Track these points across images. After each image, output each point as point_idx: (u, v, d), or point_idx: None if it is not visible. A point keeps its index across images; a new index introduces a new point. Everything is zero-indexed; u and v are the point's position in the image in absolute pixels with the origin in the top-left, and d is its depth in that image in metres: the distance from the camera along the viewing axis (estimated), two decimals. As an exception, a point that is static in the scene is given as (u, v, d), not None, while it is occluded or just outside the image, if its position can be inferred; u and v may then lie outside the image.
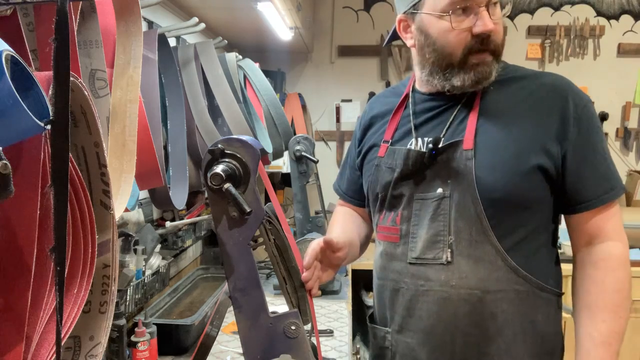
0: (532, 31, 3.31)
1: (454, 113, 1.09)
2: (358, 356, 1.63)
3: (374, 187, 1.16)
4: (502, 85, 1.08)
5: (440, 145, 1.06)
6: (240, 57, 1.89)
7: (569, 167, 1.02)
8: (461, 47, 1.02)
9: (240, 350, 1.01)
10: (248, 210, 0.84)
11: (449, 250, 1.04)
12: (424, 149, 1.09)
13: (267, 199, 1.04)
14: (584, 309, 1.05)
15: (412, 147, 1.11)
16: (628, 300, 1.03)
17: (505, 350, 1.04)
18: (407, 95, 1.18)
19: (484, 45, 1.02)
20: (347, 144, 3.49)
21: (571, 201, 1.04)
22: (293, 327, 0.89)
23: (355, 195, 1.30)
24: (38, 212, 0.47)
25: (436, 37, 1.05)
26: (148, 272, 1.61)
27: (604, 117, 3.27)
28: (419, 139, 1.12)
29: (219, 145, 0.87)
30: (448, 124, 1.09)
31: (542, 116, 1.03)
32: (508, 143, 1.02)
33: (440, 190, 1.06)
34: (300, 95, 3.37)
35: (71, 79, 0.46)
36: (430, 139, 1.09)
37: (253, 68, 1.94)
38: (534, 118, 1.03)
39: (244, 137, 0.89)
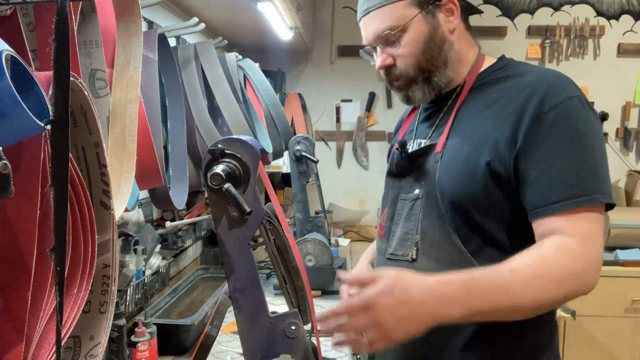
0: (532, 31, 3.31)
1: (440, 115, 1.14)
2: (358, 356, 1.63)
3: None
4: (487, 86, 1.08)
5: (412, 149, 1.13)
6: (240, 57, 1.89)
7: (520, 170, 0.97)
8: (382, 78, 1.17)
9: (240, 350, 1.01)
10: (248, 210, 0.84)
11: (415, 248, 1.07)
12: (416, 147, 1.15)
13: (267, 199, 1.04)
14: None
15: (399, 149, 1.14)
16: (543, 291, 0.89)
17: (467, 345, 1.02)
18: None
19: (389, 75, 1.13)
20: (347, 144, 3.49)
21: (526, 207, 0.97)
22: (293, 327, 0.89)
23: None
24: (38, 212, 0.47)
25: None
26: (148, 272, 1.62)
27: (604, 117, 3.27)
28: (415, 141, 1.18)
29: (219, 145, 0.87)
30: (435, 125, 1.14)
31: (502, 117, 1.00)
32: (465, 145, 1.03)
33: (417, 191, 1.09)
34: (300, 95, 3.37)
35: (71, 79, 0.46)
36: (422, 140, 1.15)
37: (253, 68, 1.94)
38: (494, 119, 1.01)
39: (244, 137, 0.89)
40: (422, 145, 1.12)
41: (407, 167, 1.13)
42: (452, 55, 1.10)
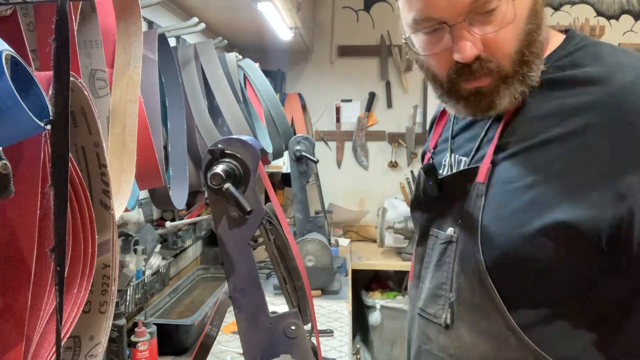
0: (532, 31, 3.32)
1: (487, 125, 0.83)
2: (358, 356, 1.63)
3: None
4: (557, 85, 0.76)
5: (446, 169, 0.86)
6: (240, 57, 1.89)
7: (636, 223, 0.67)
8: (444, 70, 0.77)
9: (240, 350, 1.00)
10: (248, 210, 0.84)
11: (449, 310, 0.81)
12: (454, 169, 0.87)
13: (267, 199, 1.04)
14: None
15: (445, 171, 0.89)
16: None
17: None
18: None
19: (474, 73, 0.74)
20: (347, 144, 3.49)
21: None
22: (293, 327, 0.89)
23: None
24: (38, 212, 0.47)
25: (421, 60, 0.81)
26: (148, 272, 1.62)
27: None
28: (453, 156, 0.89)
29: (219, 145, 0.87)
30: (479, 140, 0.83)
31: (586, 146, 0.70)
32: (524, 182, 0.73)
33: (450, 230, 0.83)
34: (300, 95, 3.37)
35: (71, 79, 0.46)
36: (461, 158, 0.86)
37: (253, 68, 1.94)
38: (572, 148, 0.71)
39: (244, 137, 0.89)
40: (460, 168, 0.84)
41: (439, 195, 0.86)
42: (542, 40, 0.77)
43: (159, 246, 1.74)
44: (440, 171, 0.91)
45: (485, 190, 0.77)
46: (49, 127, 0.42)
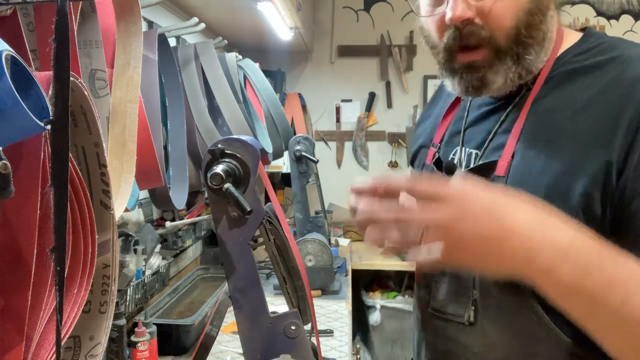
0: (532, 31, 3.32)
1: (502, 117, 0.82)
2: (358, 356, 1.63)
3: None
4: (573, 78, 0.76)
5: (467, 167, 0.82)
6: (240, 57, 1.89)
7: (626, 205, 0.67)
8: (441, 39, 0.77)
9: (240, 350, 1.00)
10: (248, 210, 0.84)
11: (473, 308, 0.80)
12: (463, 167, 0.85)
13: (267, 199, 1.04)
14: None
15: (456, 163, 0.87)
16: None
17: None
18: None
19: (465, 38, 0.74)
20: (347, 144, 3.49)
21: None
22: (293, 327, 0.89)
23: None
24: (38, 212, 0.47)
25: (421, 22, 0.82)
26: (148, 272, 1.62)
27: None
28: (464, 149, 0.87)
29: (219, 145, 0.87)
30: (493, 132, 0.82)
31: (600, 130, 0.70)
32: (545, 169, 0.73)
33: None
34: (300, 95, 3.37)
35: (71, 79, 0.46)
36: (472, 151, 0.85)
37: (253, 68, 1.94)
38: (587, 133, 0.71)
39: (244, 137, 0.89)
40: (478, 162, 0.82)
41: None
42: (547, 33, 0.78)
43: (159, 246, 1.74)
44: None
45: (505, 183, 0.76)
46: (49, 127, 0.42)
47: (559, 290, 0.62)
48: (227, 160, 0.87)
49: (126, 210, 0.82)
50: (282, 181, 3.26)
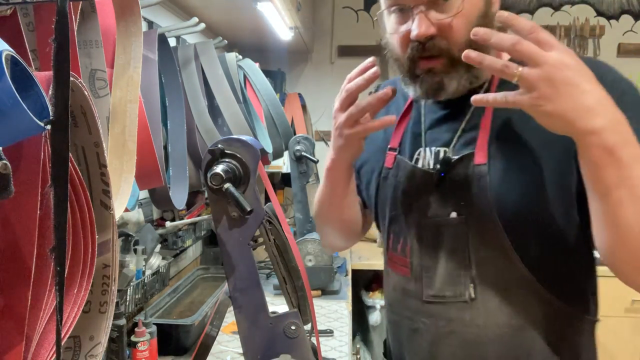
0: (532, 31, 3.32)
1: (467, 117, 0.93)
2: (358, 356, 1.63)
3: (383, 204, 1.02)
4: None
5: (424, 161, 0.93)
6: (240, 57, 1.89)
7: None
8: (404, 52, 0.89)
9: (240, 350, 1.01)
10: (248, 210, 0.84)
11: (472, 285, 0.89)
12: (431, 165, 0.94)
13: (267, 199, 1.04)
14: None
15: (419, 164, 0.96)
16: None
17: None
18: None
19: (428, 50, 0.85)
20: (347, 144, 3.49)
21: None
22: (293, 327, 0.89)
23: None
24: (38, 212, 0.47)
25: (387, 38, 0.93)
26: (148, 272, 1.62)
27: (604, 117, 3.27)
28: (427, 149, 0.96)
29: (219, 145, 0.87)
30: (460, 131, 0.93)
31: None
32: (520, 149, 0.86)
33: (454, 214, 0.90)
34: (300, 95, 3.36)
35: (71, 79, 0.46)
36: (439, 149, 0.94)
37: (253, 68, 1.94)
38: None
39: (244, 137, 0.89)
40: (445, 156, 0.92)
41: (436, 185, 0.92)
42: None
43: (159, 246, 1.74)
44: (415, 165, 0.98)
45: (487, 170, 0.87)
46: (49, 127, 0.42)
47: (603, 153, 0.69)
48: (227, 160, 0.87)
49: (126, 210, 0.82)
50: (282, 181, 3.26)
